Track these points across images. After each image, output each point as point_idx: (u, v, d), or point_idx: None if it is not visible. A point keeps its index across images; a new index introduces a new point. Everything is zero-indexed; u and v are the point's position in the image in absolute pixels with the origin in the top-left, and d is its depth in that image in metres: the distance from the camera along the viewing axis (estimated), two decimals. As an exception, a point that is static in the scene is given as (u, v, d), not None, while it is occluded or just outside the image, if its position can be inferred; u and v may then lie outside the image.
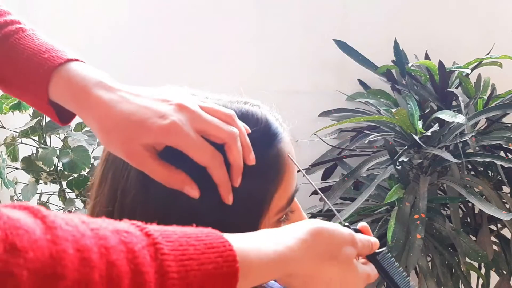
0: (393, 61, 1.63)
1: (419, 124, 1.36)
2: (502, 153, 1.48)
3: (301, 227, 0.46)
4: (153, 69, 1.68)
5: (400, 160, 1.34)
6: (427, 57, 1.64)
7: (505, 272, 1.44)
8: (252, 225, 0.48)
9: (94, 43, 1.72)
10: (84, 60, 0.51)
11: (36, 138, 1.50)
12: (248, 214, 0.49)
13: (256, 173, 0.48)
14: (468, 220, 1.51)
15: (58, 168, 1.50)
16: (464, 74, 1.51)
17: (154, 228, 0.37)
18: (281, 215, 0.52)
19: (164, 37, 1.71)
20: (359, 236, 0.50)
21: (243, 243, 0.40)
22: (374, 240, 0.51)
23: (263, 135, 0.50)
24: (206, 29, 1.71)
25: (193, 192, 0.46)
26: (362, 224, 0.53)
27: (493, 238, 1.45)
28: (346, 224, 0.51)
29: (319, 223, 0.47)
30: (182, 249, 0.36)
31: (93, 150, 1.46)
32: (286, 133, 0.53)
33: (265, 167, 0.49)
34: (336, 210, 1.37)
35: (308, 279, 0.45)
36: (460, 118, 1.28)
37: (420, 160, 1.42)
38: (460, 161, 1.29)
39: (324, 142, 1.55)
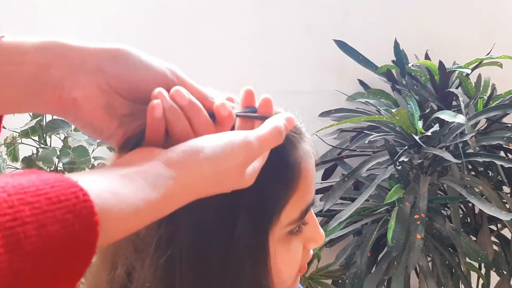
0: (393, 61, 1.63)
1: (419, 124, 1.36)
2: (502, 153, 1.48)
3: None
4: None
5: (400, 160, 1.33)
6: (427, 57, 1.64)
7: (505, 272, 1.44)
8: (260, 235, 0.46)
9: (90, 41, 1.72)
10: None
11: (36, 138, 1.50)
12: (257, 223, 0.46)
13: (269, 179, 0.46)
14: (468, 220, 1.51)
15: (58, 168, 1.49)
16: (464, 74, 1.51)
17: None
18: (292, 227, 0.49)
19: (163, 36, 1.71)
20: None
21: (107, 186, 0.32)
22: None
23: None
24: (205, 28, 1.71)
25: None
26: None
27: (493, 238, 1.44)
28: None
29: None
30: (11, 212, 0.27)
31: (93, 150, 1.46)
32: (305, 144, 0.50)
33: (278, 174, 0.47)
34: (336, 210, 1.38)
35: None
36: (460, 118, 1.28)
37: (420, 160, 1.42)
38: (460, 161, 1.29)
39: (324, 142, 1.55)
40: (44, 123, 1.47)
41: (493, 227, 1.50)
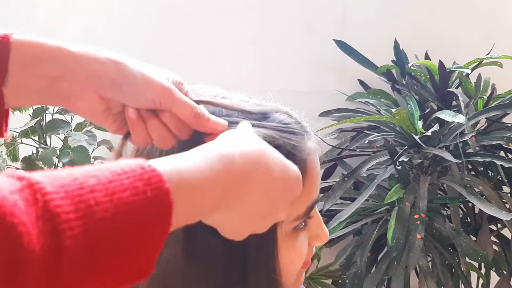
0: (393, 61, 1.63)
1: (419, 124, 1.36)
2: (502, 153, 1.48)
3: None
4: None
5: (400, 160, 1.33)
6: (427, 57, 1.64)
7: (505, 272, 1.44)
8: (270, 230, 0.46)
9: (90, 40, 1.71)
10: None
11: (36, 138, 1.50)
12: None
13: None
14: (468, 220, 1.51)
15: (58, 168, 1.49)
16: (464, 74, 1.51)
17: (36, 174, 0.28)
18: (298, 222, 0.50)
19: (164, 36, 1.71)
20: None
21: (170, 162, 0.32)
22: None
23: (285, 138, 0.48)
24: (205, 29, 1.70)
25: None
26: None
27: (493, 238, 1.45)
28: None
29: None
30: (77, 184, 0.27)
31: (93, 150, 1.46)
32: (311, 142, 0.51)
33: None
34: (336, 210, 1.38)
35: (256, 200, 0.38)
36: (460, 118, 1.28)
37: (420, 160, 1.42)
38: (460, 161, 1.29)
39: (324, 142, 1.55)
40: (44, 123, 1.47)
41: (493, 227, 1.50)
